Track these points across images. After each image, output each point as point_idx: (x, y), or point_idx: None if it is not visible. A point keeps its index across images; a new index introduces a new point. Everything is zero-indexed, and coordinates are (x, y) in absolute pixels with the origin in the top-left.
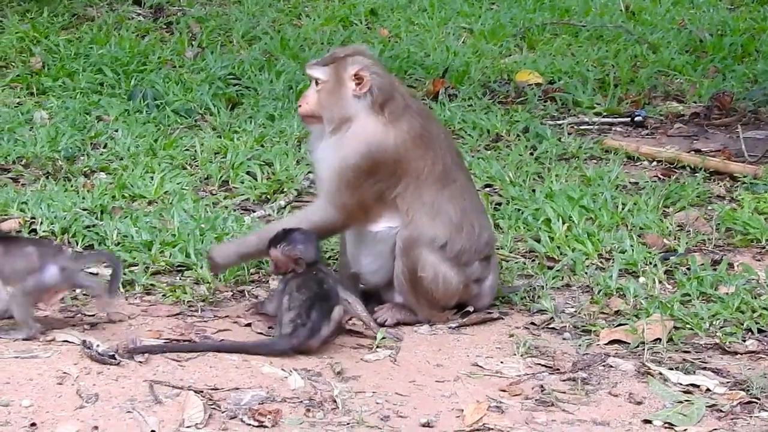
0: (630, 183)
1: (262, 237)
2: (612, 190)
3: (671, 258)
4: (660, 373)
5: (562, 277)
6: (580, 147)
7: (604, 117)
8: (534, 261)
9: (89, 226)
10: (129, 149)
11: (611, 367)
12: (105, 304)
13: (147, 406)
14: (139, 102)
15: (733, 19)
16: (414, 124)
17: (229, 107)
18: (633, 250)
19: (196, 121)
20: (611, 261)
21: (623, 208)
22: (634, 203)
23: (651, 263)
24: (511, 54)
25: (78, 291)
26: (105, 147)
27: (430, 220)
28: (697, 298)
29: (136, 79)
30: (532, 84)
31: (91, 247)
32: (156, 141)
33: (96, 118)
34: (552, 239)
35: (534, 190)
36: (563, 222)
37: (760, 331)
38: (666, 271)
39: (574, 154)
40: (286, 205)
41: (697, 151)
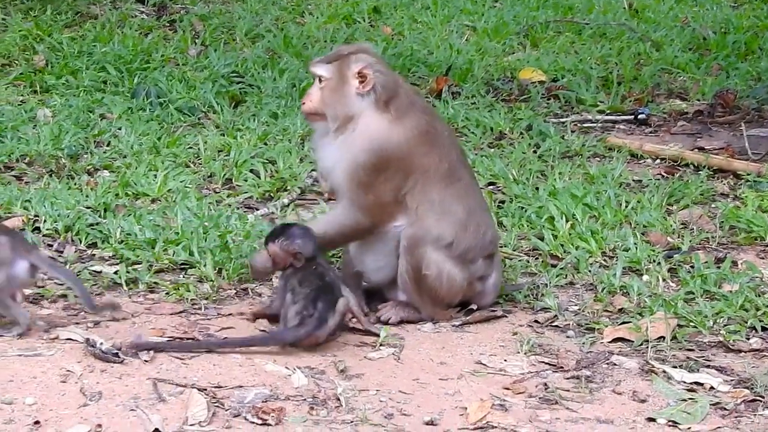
0: (633, 181)
1: None
2: (615, 188)
3: (675, 256)
4: (664, 371)
5: (566, 275)
6: (584, 145)
7: (607, 115)
8: (537, 259)
9: (93, 224)
10: (132, 147)
11: (615, 365)
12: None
13: (150, 404)
14: (143, 100)
15: (736, 16)
16: (420, 121)
17: (233, 105)
18: (636, 248)
19: (200, 119)
20: (615, 259)
21: (627, 206)
22: (638, 201)
23: (655, 261)
24: (514, 52)
25: None
26: (108, 145)
27: (437, 218)
28: (701, 296)
29: (139, 77)
30: (535, 82)
31: (94, 245)
32: (159, 139)
33: (99, 116)
34: (555, 237)
35: (537, 188)
36: (567, 220)
37: (764, 329)
38: (670, 269)
39: (578, 152)
40: (289, 203)
41: (701, 148)
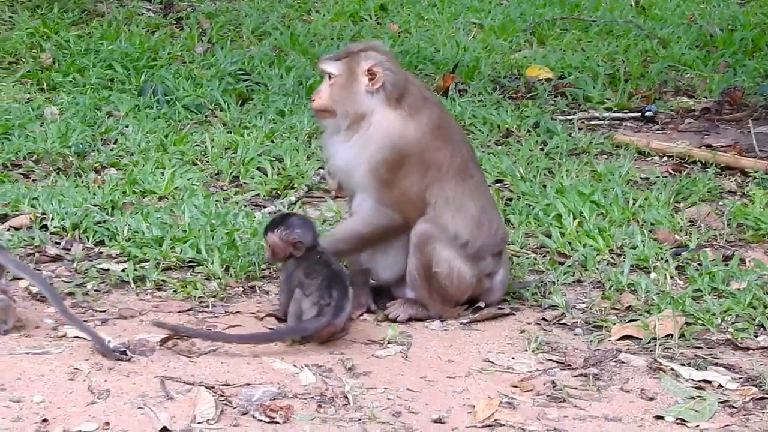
0: (641, 178)
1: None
2: (623, 186)
3: (683, 253)
4: (672, 369)
5: (574, 273)
6: (591, 142)
7: (614, 112)
8: (545, 256)
9: (100, 222)
10: (139, 145)
11: (623, 362)
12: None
13: (158, 402)
14: (150, 98)
15: (743, 13)
16: (433, 116)
17: (240, 103)
18: (644, 246)
19: (207, 116)
20: (622, 256)
21: (634, 204)
22: (645, 199)
23: (662, 259)
24: (521, 49)
25: (90, 286)
26: (115, 143)
27: (452, 215)
28: (709, 293)
29: (146, 74)
30: (542, 79)
31: (102, 243)
32: (166, 137)
33: (106, 114)
34: (563, 235)
35: (545, 186)
36: (574, 217)
37: None
38: (677, 267)
39: (585, 150)
40: (296, 201)
41: (708, 146)
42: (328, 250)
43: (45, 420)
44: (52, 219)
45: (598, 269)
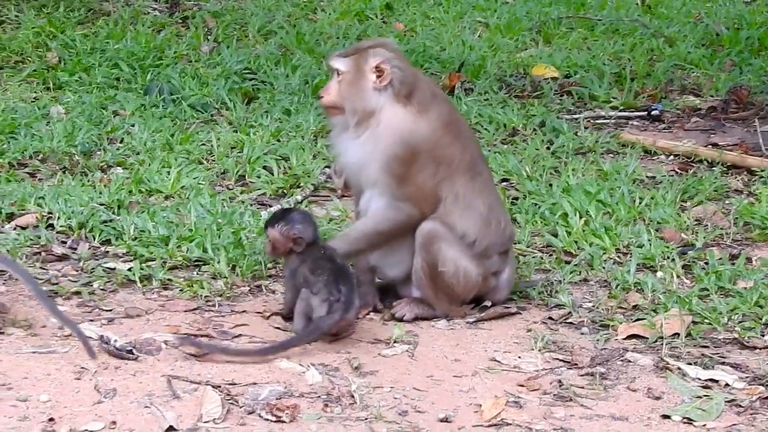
0: (647, 177)
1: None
2: (629, 185)
3: (689, 252)
4: (678, 368)
5: (580, 272)
6: (597, 141)
7: (620, 111)
8: (551, 255)
9: (106, 221)
10: (145, 144)
11: (629, 362)
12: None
13: (165, 401)
14: (156, 97)
15: (749, 12)
16: (442, 112)
17: (245, 102)
18: (651, 245)
19: (213, 115)
20: (629, 255)
21: (640, 203)
22: (652, 197)
23: (669, 258)
24: (527, 48)
25: (96, 285)
26: (121, 142)
27: (461, 213)
28: (716, 292)
29: (152, 73)
30: (548, 78)
31: (108, 242)
32: (172, 136)
33: (112, 113)
34: (569, 234)
35: (551, 185)
36: (580, 216)
37: None
38: (684, 266)
39: (591, 149)
40: (302, 200)
41: (715, 145)
42: (346, 248)
43: (51, 419)
44: (59, 218)
45: (604, 268)
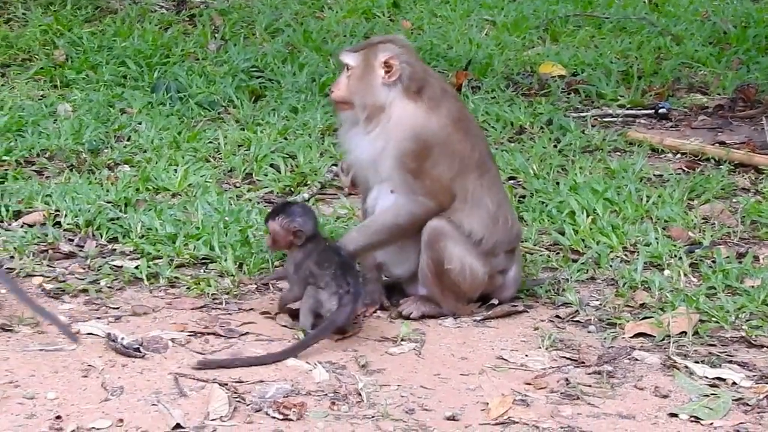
0: (654, 175)
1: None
2: (636, 183)
3: (696, 251)
4: (686, 367)
5: (587, 270)
6: (604, 139)
7: (627, 109)
8: (558, 254)
9: (113, 219)
10: (153, 142)
11: (637, 360)
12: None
13: (172, 398)
14: (163, 94)
15: (756, 10)
16: (452, 108)
17: (253, 100)
18: (658, 243)
19: (220, 113)
20: (636, 254)
21: (648, 201)
22: (659, 196)
23: (676, 256)
24: (534, 46)
25: (103, 283)
26: (129, 139)
27: (469, 211)
28: (723, 291)
29: (159, 71)
30: (555, 76)
31: (115, 240)
32: (179, 133)
33: (119, 111)
34: (576, 232)
35: (558, 183)
36: (587, 215)
37: None
38: (691, 264)
39: (598, 147)
40: (309, 198)
41: (722, 143)
42: (363, 241)
43: (59, 417)
44: (66, 216)
45: (611, 266)
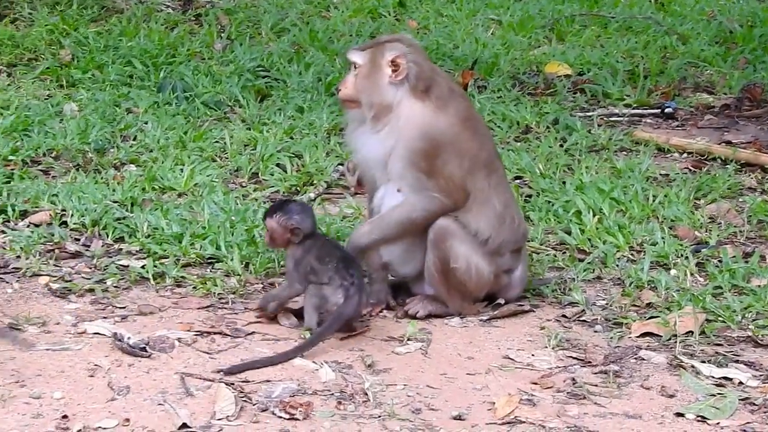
0: (660, 175)
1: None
2: (642, 182)
3: (703, 250)
4: (692, 366)
5: (593, 270)
6: (610, 139)
7: (634, 109)
8: (565, 253)
9: (120, 219)
10: (159, 141)
11: (643, 359)
12: None
13: (178, 398)
14: (169, 94)
15: (763, 10)
16: (460, 108)
17: (259, 99)
18: (664, 243)
19: (226, 113)
20: (642, 253)
21: (654, 200)
22: (665, 195)
23: (682, 255)
24: (540, 45)
25: (109, 283)
26: (135, 139)
27: (476, 210)
28: (729, 290)
29: (165, 71)
30: (561, 75)
31: (121, 239)
32: (186, 133)
33: (126, 111)
34: (583, 231)
35: (564, 182)
36: (594, 214)
37: None
38: (697, 264)
39: (604, 146)
40: (315, 197)
41: (728, 142)
42: (375, 235)
43: (65, 416)
44: (72, 215)
45: (617, 266)
